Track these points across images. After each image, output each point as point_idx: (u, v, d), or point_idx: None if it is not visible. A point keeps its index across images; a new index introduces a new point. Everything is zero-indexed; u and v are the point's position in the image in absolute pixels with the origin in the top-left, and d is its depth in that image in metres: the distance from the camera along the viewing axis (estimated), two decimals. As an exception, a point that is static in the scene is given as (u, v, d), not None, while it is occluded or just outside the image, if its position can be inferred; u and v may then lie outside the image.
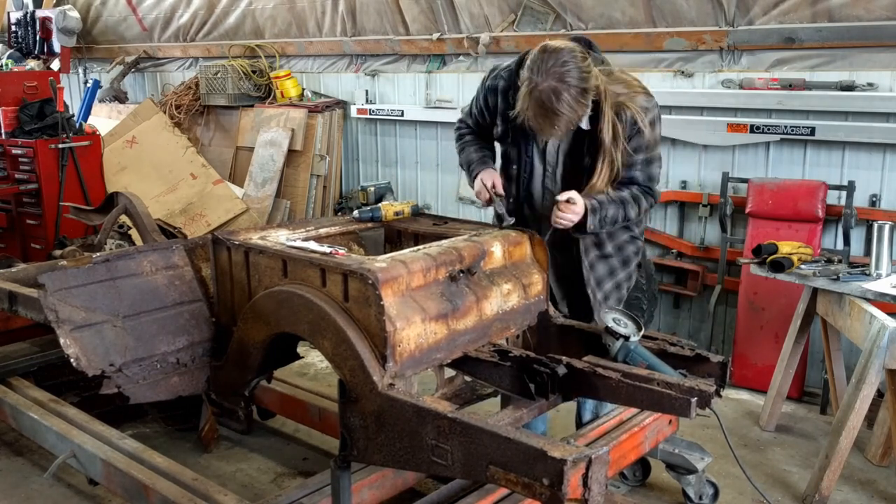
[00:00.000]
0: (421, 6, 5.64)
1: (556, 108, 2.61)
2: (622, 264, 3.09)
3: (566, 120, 2.66)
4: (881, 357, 3.18)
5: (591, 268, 3.03)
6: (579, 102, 2.64)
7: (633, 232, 3.09)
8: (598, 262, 3.05)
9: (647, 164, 2.91)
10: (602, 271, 3.06)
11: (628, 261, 3.11)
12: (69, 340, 2.72)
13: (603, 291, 3.06)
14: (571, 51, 2.64)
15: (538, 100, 2.62)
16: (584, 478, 1.91)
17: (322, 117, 6.21)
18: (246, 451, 3.87)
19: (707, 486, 3.26)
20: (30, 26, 7.50)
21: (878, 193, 4.18)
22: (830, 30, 4.15)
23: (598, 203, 2.85)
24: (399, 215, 3.14)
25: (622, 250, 3.08)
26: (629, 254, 3.10)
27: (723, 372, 2.53)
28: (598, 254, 3.04)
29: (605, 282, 3.06)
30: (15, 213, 5.83)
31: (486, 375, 2.55)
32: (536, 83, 2.62)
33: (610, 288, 3.08)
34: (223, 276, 2.86)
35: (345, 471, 2.48)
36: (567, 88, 2.60)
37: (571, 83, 2.60)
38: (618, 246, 3.06)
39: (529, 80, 2.64)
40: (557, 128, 2.68)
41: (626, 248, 3.08)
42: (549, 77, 2.60)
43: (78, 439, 3.20)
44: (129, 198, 4.11)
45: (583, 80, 2.63)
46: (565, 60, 2.61)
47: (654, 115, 2.85)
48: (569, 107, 2.62)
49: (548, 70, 2.60)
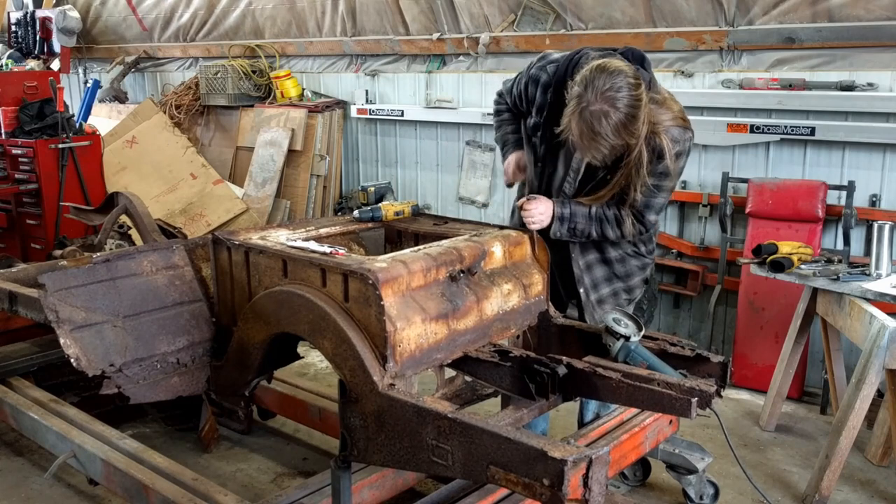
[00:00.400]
0: (421, 6, 5.64)
1: (602, 132, 2.55)
2: (625, 276, 3.06)
3: (610, 145, 2.59)
4: (881, 357, 3.19)
5: (589, 269, 3.02)
6: (627, 129, 2.57)
7: (638, 249, 3.05)
8: (597, 266, 3.03)
9: (652, 190, 2.83)
10: (600, 275, 3.04)
11: (630, 275, 3.07)
12: (69, 340, 2.72)
13: (598, 294, 3.04)
14: (627, 76, 2.56)
15: (586, 121, 2.55)
16: (584, 478, 1.91)
17: (322, 117, 6.21)
18: (246, 451, 3.87)
19: (707, 486, 3.26)
20: (30, 26, 7.50)
21: (878, 193, 4.18)
22: (830, 30, 4.15)
23: (570, 213, 2.85)
24: (399, 215, 3.14)
25: (624, 262, 3.05)
26: (631, 268, 3.06)
27: (723, 372, 2.53)
28: (597, 257, 3.03)
29: (601, 286, 3.05)
30: (15, 213, 5.83)
31: (486, 376, 2.55)
32: (588, 103, 2.54)
33: (607, 293, 3.06)
34: (223, 276, 2.86)
35: (345, 471, 2.48)
36: (617, 114, 2.53)
37: (622, 109, 2.53)
38: (620, 257, 3.03)
39: (580, 97, 2.57)
40: (600, 151, 2.62)
41: (628, 262, 3.05)
42: (602, 100, 2.53)
43: (78, 439, 3.20)
44: (130, 198, 4.11)
45: (633, 107, 2.55)
46: (620, 86, 2.53)
47: (682, 147, 2.79)
48: (615, 133, 2.55)
49: (601, 92, 2.53)
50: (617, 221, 2.89)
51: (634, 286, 3.12)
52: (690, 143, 2.84)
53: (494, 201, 5.64)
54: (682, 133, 2.79)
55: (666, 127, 2.74)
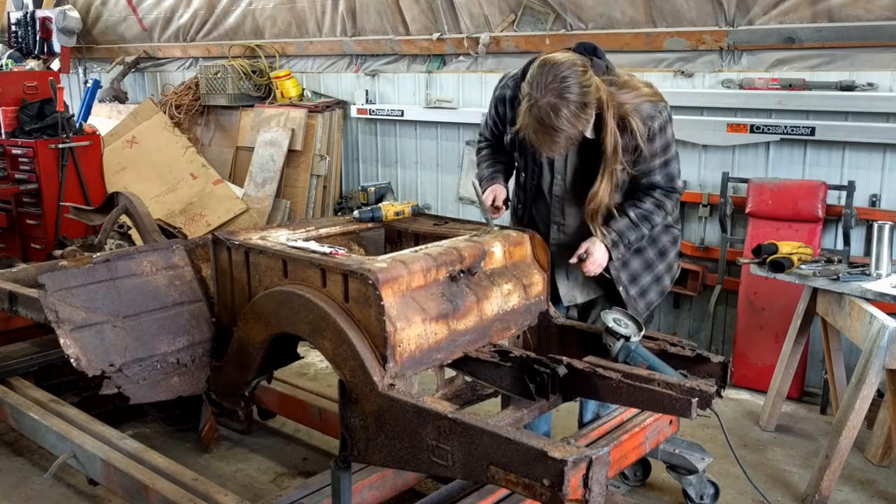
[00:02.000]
0: (421, 6, 5.64)
1: (555, 125, 2.57)
2: (659, 255, 3.05)
3: (566, 136, 2.62)
4: (881, 357, 3.18)
5: (625, 265, 2.99)
6: (579, 118, 2.59)
7: (667, 220, 3.03)
8: (633, 258, 3.00)
9: (664, 165, 2.87)
10: (637, 266, 3.02)
11: (665, 251, 3.07)
12: (69, 341, 2.72)
13: (639, 287, 3.01)
14: (572, 64, 2.58)
15: (537, 116, 2.58)
16: (584, 478, 1.91)
17: (322, 117, 6.21)
18: (246, 451, 3.87)
19: (708, 486, 3.26)
20: (30, 26, 7.50)
21: (878, 193, 4.18)
22: (830, 30, 4.15)
23: (618, 235, 2.85)
24: (399, 215, 3.14)
25: (656, 242, 3.03)
26: (665, 244, 3.06)
27: (723, 372, 2.53)
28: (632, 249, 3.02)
29: (641, 277, 3.02)
30: (15, 213, 5.83)
31: (486, 376, 2.55)
32: (536, 99, 2.58)
33: (648, 282, 3.04)
34: (223, 276, 2.86)
35: (345, 471, 2.48)
36: (566, 104, 2.55)
37: (571, 99, 2.56)
38: (651, 239, 3.01)
39: (529, 95, 2.60)
40: (557, 143, 2.65)
41: (660, 239, 3.04)
42: (549, 93, 2.55)
43: (78, 439, 3.20)
44: (130, 198, 4.11)
45: (583, 94, 2.57)
46: (565, 76, 2.56)
47: (661, 119, 2.79)
48: (568, 123, 2.58)
49: (547, 85, 2.56)
50: (658, 206, 2.90)
51: (672, 262, 3.11)
52: (668, 112, 2.84)
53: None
54: (654, 107, 2.79)
55: (634, 105, 2.74)
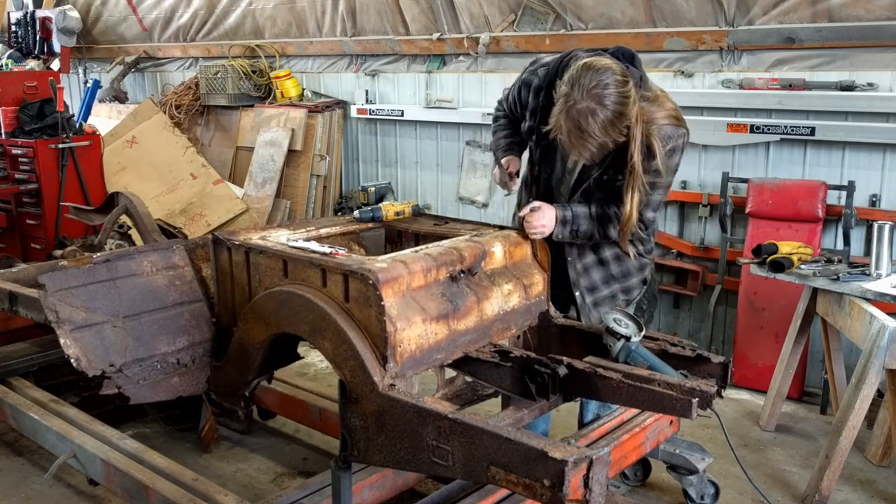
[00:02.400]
0: (421, 6, 5.64)
1: (590, 130, 2.54)
2: (621, 276, 3.03)
3: (599, 143, 2.59)
4: (881, 357, 3.19)
5: (586, 271, 2.99)
6: (614, 127, 2.56)
7: (637, 248, 3.00)
8: (594, 268, 3.00)
9: (647, 188, 2.79)
10: (597, 277, 3.01)
11: (628, 275, 3.04)
12: (69, 341, 2.72)
13: (594, 297, 3.01)
14: (614, 73, 2.55)
15: (574, 119, 2.55)
16: (585, 478, 1.91)
17: (322, 117, 6.21)
18: (246, 451, 3.87)
19: (708, 486, 3.26)
20: (30, 26, 7.50)
21: (878, 193, 4.18)
22: (830, 30, 4.15)
23: (572, 216, 2.83)
24: (400, 215, 3.14)
25: (621, 262, 3.01)
26: (628, 268, 3.02)
27: (724, 372, 2.52)
28: (594, 259, 3.00)
29: (599, 288, 3.02)
30: (15, 213, 5.83)
31: (486, 376, 2.55)
32: (574, 101, 2.54)
33: (604, 296, 3.02)
34: (223, 276, 2.86)
35: (345, 471, 2.48)
36: (604, 111, 2.52)
37: (609, 106, 2.53)
38: (616, 255, 3.00)
39: (567, 96, 2.56)
40: (588, 149, 2.61)
41: (625, 261, 3.01)
42: (588, 98, 2.52)
43: (78, 439, 3.20)
44: (130, 198, 4.11)
45: (621, 104, 2.55)
46: (607, 83, 2.53)
47: (675, 144, 2.77)
48: (602, 130, 2.55)
49: (588, 89, 2.52)
50: (618, 219, 2.86)
51: (632, 287, 3.09)
52: (685, 140, 2.82)
53: (494, 201, 5.64)
54: (675, 130, 2.77)
55: (659, 125, 2.73)
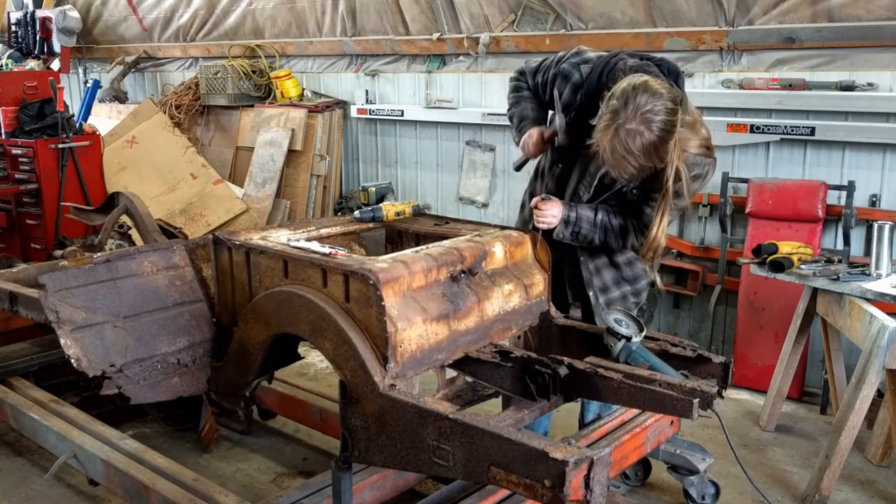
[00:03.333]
0: (421, 6, 5.64)
1: (634, 152, 2.54)
2: (633, 279, 3.07)
3: (637, 166, 2.59)
4: (881, 357, 3.19)
5: (598, 272, 3.01)
6: (657, 153, 2.57)
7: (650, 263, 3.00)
8: (606, 269, 3.03)
9: None
10: (609, 278, 3.04)
11: (638, 278, 3.09)
12: (70, 341, 2.72)
13: (607, 297, 3.03)
14: (667, 100, 2.55)
15: (621, 138, 2.54)
16: (585, 479, 1.91)
17: (322, 117, 6.21)
18: (246, 451, 3.87)
19: (709, 486, 3.26)
20: (30, 26, 7.50)
21: (878, 193, 4.18)
22: (830, 30, 4.15)
23: (576, 217, 2.85)
24: (400, 215, 3.14)
25: (632, 266, 3.05)
26: (639, 271, 3.07)
27: (725, 373, 2.52)
28: (606, 260, 3.02)
29: (611, 289, 3.04)
30: (15, 213, 5.83)
31: (487, 376, 2.54)
32: (624, 120, 2.54)
33: (616, 296, 3.05)
34: (224, 276, 2.86)
35: (346, 471, 2.48)
36: (651, 136, 2.53)
37: (655, 132, 2.53)
38: (628, 260, 3.04)
39: (617, 113, 2.56)
40: (628, 170, 2.62)
41: (636, 265, 3.06)
42: (638, 120, 2.52)
43: (78, 440, 3.20)
44: (130, 198, 4.11)
45: (667, 132, 2.55)
46: (659, 110, 2.53)
47: (700, 171, 2.77)
48: (645, 155, 2.55)
49: (640, 112, 2.52)
50: (622, 231, 2.89)
51: (642, 289, 3.13)
52: (710, 169, 2.82)
53: (494, 201, 5.64)
54: (703, 160, 2.77)
55: (688, 150, 2.72)
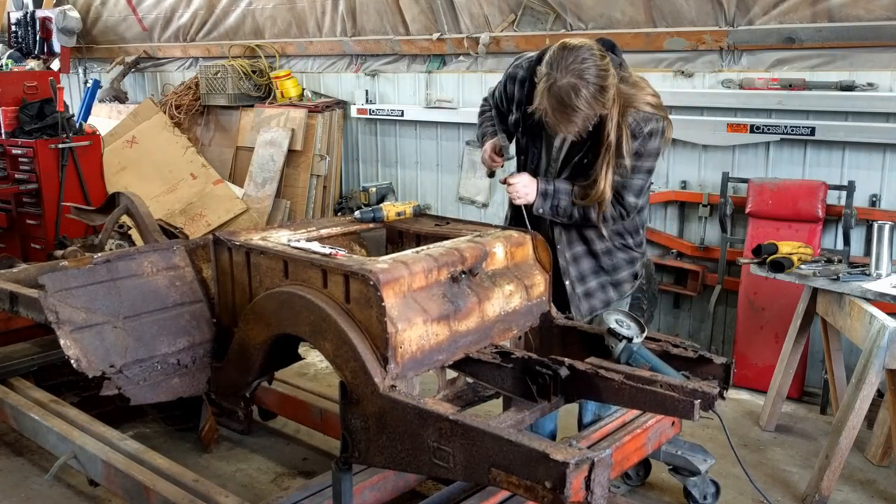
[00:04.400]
0: (421, 6, 5.63)
1: (574, 105, 2.60)
2: (612, 269, 3.04)
3: (583, 117, 2.64)
4: (881, 357, 3.19)
5: (575, 261, 3.00)
6: (597, 100, 2.62)
7: (626, 241, 3.02)
8: (584, 258, 3.01)
9: (630, 170, 2.81)
10: (586, 267, 3.02)
11: (618, 268, 3.05)
12: (70, 341, 2.72)
13: (585, 287, 3.02)
14: (590, 48, 2.63)
15: (556, 96, 2.61)
16: (586, 480, 1.91)
17: (322, 117, 6.21)
18: (246, 451, 3.87)
19: (709, 486, 3.26)
20: (30, 26, 7.50)
21: (878, 193, 4.18)
22: (830, 30, 4.15)
23: (553, 190, 2.87)
24: (401, 216, 3.14)
25: (611, 255, 3.02)
26: (618, 261, 3.04)
27: (726, 374, 2.52)
28: (584, 249, 3.01)
29: (588, 279, 3.03)
30: (15, 213, 5.83)
31: (487, 377, 2.54)
32: (555, 79, 2.61)
33: (594, 286, 3.04)
34: (224, 276, 2.86)
35: (346, 472, 2.48)
36: (585, 85, 2.59)
37: (590, 80, 2.59)
38: (607, 249, 3.01)
39: (548, 75, 2.64)
40: (574, 124, 2.67)
41: (615, 254, 3.02)
42: (568, 73, 2.59)
43: (79, 440, 3.20)
44: (131, 198, 4.11)
45: (601, 77, 2.61)
46: (584, 58, 2.60)
47: (654, 127, 2.79)
48: (586, 104, 2.61)
49: (567, 66, 2.59)
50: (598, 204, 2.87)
51: (622, 280, 3.09)
52: (664, 125, 2.84)
53: (494, 201, 5.64)
54: (654, 111, 2.80)
55: (637, 107, 2.77)
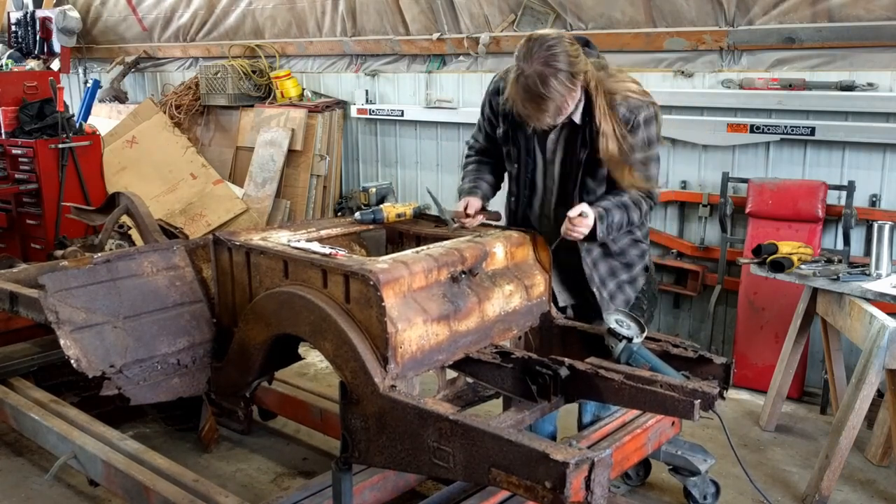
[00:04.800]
0: (421, 6, 5.63)
1: (544, 93, 2.58)
2: (625, 267, 3.04)
3: (555, 105, 2.63)
4: (881, 357, 3.19)
5: (595, 265, 3.00)
6: (567, 86, 2.61)
7: (636, 235, 3.03)
8: (601, 261, 3.00)
9: (643, 164, 2.83)
10: (604, 270, 3.02)
11: (632, 264, 3.06)
12: (70, 341, 2.72)
13: (608, 290, 3.02)
14: (558, 36, 2.63)
15: (525, 85, 2.60)
16: (586, 480, 1.91)
17: (322, 117, 6.21)
18: (246, 451, 3.87)
19: (709, 485, 3.26)
20: (30, 26, 7.50)
21: (878, 193, 4.18)
22: (830, 30, 4.15)
23: (605, 210, 2.82)
24: (401, 217, 3.14)
25: (624, 253, 3.02)
26: (632, 257, 3.05)
27: (726, 374, 2.53)
28: (601, 252, 3.00)
29: (607, 281, 3.03)
30: (15, 213, 5.83)
31: (487, 377, 2.55)
32: (523, 69, 2.60)
33: (613, 288, 3.04)
34: (224, 276, 2.86)
35: (346, 472, 2.48)
36: (554, 73, 2.57)
37: (559, 67, 2.58)
38: (620, 249, 3.01)
39: (517, 67, 2.63)
40: (546, 113, 2.65)
41: (628, 252, 3.03)
42: (536, 62, 2.58)
43: (79, 440, 3.20)
44: (131, 198, 4.11)
45: (570, 64, 2.60)
46: (551, 45, 2.59)
47: (647, 113, 2.78)
48: (557, 91, 2.59)
49: (534, 55, 2.59)
50: (635, 203, 2.87)
51: (637, 275, 3.09)
52: (656, 109, 2.83)
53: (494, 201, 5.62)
54: (641, 98, 2.79)
55: (624, 96, 2.75)
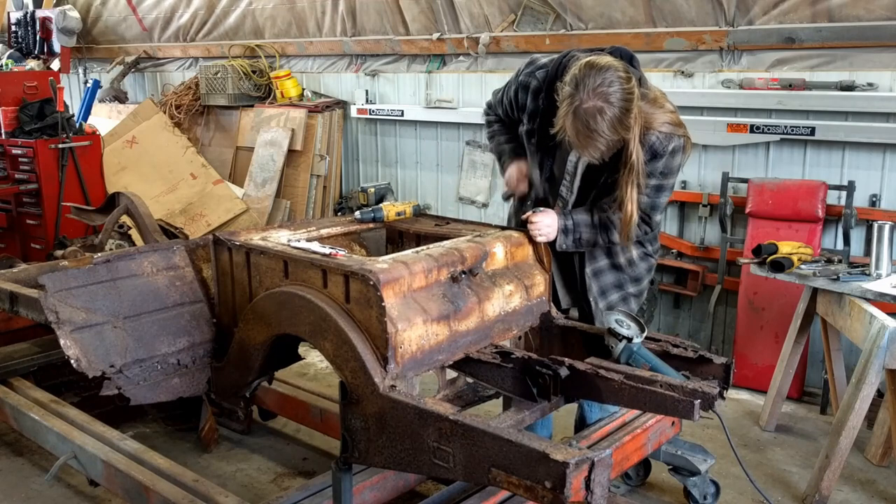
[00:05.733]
0: (421, 6, 5.63)
1: (599, 129, 2.54)
2: (633, 281, 3.04)
3: (606, 141, 2.59)
4: (881, 357, 3.19)
5: (596, 276, 2.99)
6: (622, 124, 2.57)
7: (647, 249, 3.03)
8: (607, 272, 3.00)
9: (655, 190, 2.83)
10: (609, 281, 3.01)
11: (640, 278, 3.06)
12: (70, 341, 2.72)
13: (607, 301, 3.01)
14: (617, 70, 2.56)
15: (582, 119, 2.55)
16: (586, 480, 1.91)
17: (322, 117, 6.21)
18: (246, 451, 3.87)
19: (709, 485, 3.26)
20: (30, 26, 7.50)
21: (878, 193, 4.18)
22: (830, 30, 4.15)
23: (573, 224, 2.84)
24: (401, 216, 3.14)
25: (634, 266, 3.02)
26: (641, 271, 3.05)
27: (726, 374, 2.52)
28: (607, 263, 3.00)
29: (610, 292, 3.02)
30: (15, 213, 5.83)
31: (487, 377, 2.54)
32: (580, 101, 2.54)
33: (616, 299, 3.03)
34: (224, 276, 2.86)
35: (346, 472, 2.48)
36: (611, 109, 2.53)
37: (615, 104, 2.53)
38: (629, 260, 3.00)
39: (572, 96, 2.56)
40: (597, 148, 2.62)
41: (637, 265, 3.03)
42: (594, 97, 2.53)
43: (79, 440, 3.20)
44: (131, 198, 4.11)
45: (626, 101, 2.55)
46: (611, 80, 2.53)
47: (677, 144, 2.77)
48: (610, 128, 2.55)
49: (593, 89, 2.53)
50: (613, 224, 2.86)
51: (643, 289, 3.11)
52: (684, 142, 2.82)
53: (494, 201, 5.64)
54: (675, 129, 2.79)
55: (659, 125, 2.74)
